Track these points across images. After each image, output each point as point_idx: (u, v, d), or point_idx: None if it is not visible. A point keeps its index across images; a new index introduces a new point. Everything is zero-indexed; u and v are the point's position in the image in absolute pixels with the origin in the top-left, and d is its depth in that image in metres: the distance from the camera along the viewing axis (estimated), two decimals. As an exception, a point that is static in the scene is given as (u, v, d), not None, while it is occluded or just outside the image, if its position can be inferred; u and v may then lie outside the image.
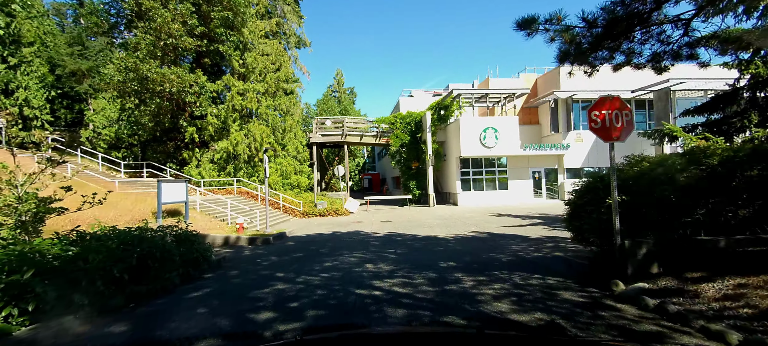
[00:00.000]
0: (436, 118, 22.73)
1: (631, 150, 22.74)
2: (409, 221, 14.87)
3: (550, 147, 21.23)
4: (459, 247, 8.49)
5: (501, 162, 21.99)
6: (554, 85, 22.22)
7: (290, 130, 22.26)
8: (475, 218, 15.22)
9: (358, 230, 12.68)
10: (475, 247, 8.42)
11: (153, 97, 17.63)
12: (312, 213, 18.39)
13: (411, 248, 8.53)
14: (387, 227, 13.16)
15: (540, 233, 10.25)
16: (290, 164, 21.59)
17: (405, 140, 23.05)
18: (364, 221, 15.73)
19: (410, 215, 17.54)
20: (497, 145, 20.80)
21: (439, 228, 12.47)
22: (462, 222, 13.91)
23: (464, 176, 21.77)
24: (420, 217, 16.41)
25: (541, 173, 22.55)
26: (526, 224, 12.62)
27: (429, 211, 18.95)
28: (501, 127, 20.83)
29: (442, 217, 16.02)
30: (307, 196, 21.07)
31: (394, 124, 23.45)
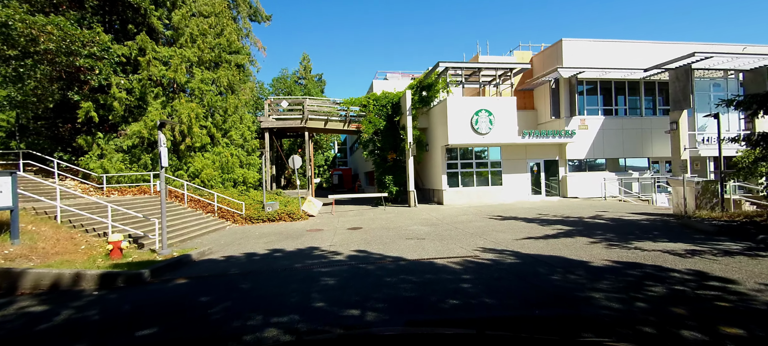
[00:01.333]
0: (417, 99, 18.77)
1: (637, 140, 19.81)
2: (386, 229, 10.79)
3: (552, 135, 17.82)
4: (490, 299, 4.40)
5: (495, 152, 18.36)
6: (556, 61, 18.84)
7: (235, 113, 17.55)
8: (473, 222, 11.36)
9: (311, 247, 8.43)
10: (523, 295, 4.41)
11: (24, 58, 12.46)
12: (258, 218, 13.91)
13: (397, 300, 4.40)
14: (355, 241, 9.00)
15: (596, 252, 6.46)
16: (234, 155, 16.91)
17: (380, 126, 18.93)
18: (326, 229, 11.50)
19: (387, 218, 13.47)
20: (492, 132, 17.12)
21: (430, 241, 8.47)
22: (458, 230, 9.98)
23: (451, 169, 17.97)
24: (400, 222, 12.38)
25: (540, 165, 19.15)
26: (551, 233, 8.86)
27: (410, 213, 14.97)
28: (496, 110, 17.16)
29: (430, 221, 12.07)
30: (256, 195, 16.52)
31: (366, 106, 19.27)
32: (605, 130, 19.02)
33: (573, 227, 9.61)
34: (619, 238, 7.82)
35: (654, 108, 19.86)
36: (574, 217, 11.82)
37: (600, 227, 9.45)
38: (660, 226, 9.33)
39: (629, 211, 12.84)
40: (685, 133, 17.50)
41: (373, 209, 17.30)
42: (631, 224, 9.90)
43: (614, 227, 9.39)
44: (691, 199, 10.22)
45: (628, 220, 10.61)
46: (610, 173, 19.06)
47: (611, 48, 19.16)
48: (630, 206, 14.64)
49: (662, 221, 9.99)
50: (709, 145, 17.95)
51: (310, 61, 43.09)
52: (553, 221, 10.98)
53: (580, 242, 7.59)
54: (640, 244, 7.02)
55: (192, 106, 15.05)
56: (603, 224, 9.96)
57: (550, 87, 19.25)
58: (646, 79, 19.37)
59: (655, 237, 7.73)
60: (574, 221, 10.82)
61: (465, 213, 14.06)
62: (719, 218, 9.55)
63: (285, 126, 18.77)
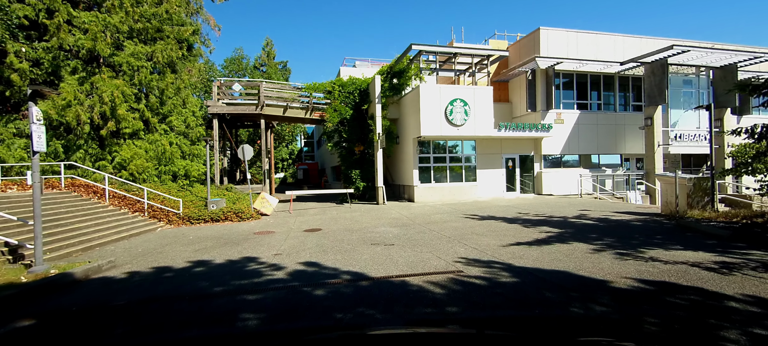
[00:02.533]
0: (387, 87, 17.15)
1: (611, 136, 19.35)
2: (349, 231, 9.11)
3: (529, 128, 16.86)
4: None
5: (469, 146, 17.15)
6: (532, 51, 17.89)
7: (176, 95, 15.09)
8: (449, 222, 9.94)
9: (249, 258, 6.59)
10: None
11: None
12: (198, 218, 11.74)
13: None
14: (309, 247, 7.24)
15: (607, 264, 5.15)
16: (174, 144, 14.50)
17: (346, 115, 17.13)
18: (277, 232, 9.64)
19: (351, 218, 11.78)
20: (467, 124, 15.86)
21: (400, 247, 6.89)
22: (433, 233, 8.49)
23: (423, 163, 16.56)
24: (366, 222, 10.73)
25: (514, 160, 18.20)
26: (540, 237, 7.57)
27: (378, 211, 13.37)
28: (472, 100, 15.91)
29: (400, 221, 10.52)
30: (200, 191, 14.26)
31: (331, 93, 17.38)
32: (580, 125, 18.38)
33: (562, 230, 8.40)
34: (622, 244, 6.64)
35: (626, 104, 19.49)
36: (558, 216, 10.72)
37: (592, 230, 8.31)
38: (657, 228, 8.32)
39: (612, 210, 11.98)
40: (659, 129, 17.14)
41: (337, 206, 15.53)
42: (624, 225, 8.85)
43: (607, 230, 8.28)
44: (683, 197, 9.37)
45: (618, 220, 9.61)
46: (584, 169, 18.47)
47: (588, 40, 18.51)
48: (609, 204, 13.89)
49: (655, 222, 9.04)
50: (681, 142, 17.76)
51: (274, 47, 40.19)
52: (536, 222, 9.78)
53: (579, 249, 6.30)
54: (652, 252, 5.82)
55: (117, 83, 12.51)
56: (593, 226, 8.86)
57: (527, 78, 18.31)
58: (621, 73, 18.92)
59: (663, 243, 6.61)
60: (559, 222, 9.67)
61: (438, 211, 12.66)
62: (715, 218, 8.71)
63: (238, 112, 16.49)
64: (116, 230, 9.67)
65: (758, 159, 7.64)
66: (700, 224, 8.24)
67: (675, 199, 9.37)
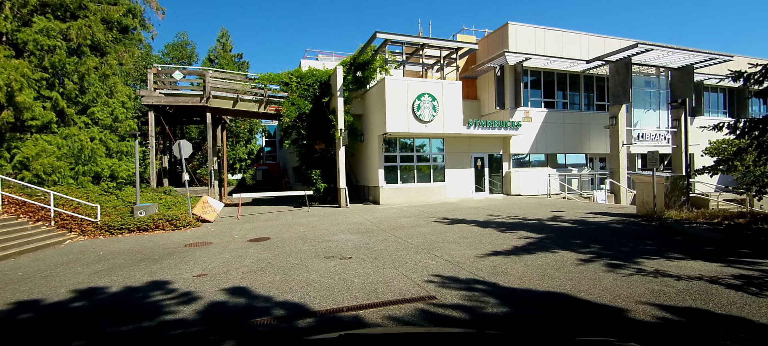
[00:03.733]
0: (351, 79, 15.85)
1: (577, 135, 19.25)
2: (302, 240, 7.71)
3: (499, 126, 16.22)
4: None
5: (438, 144, 16.24)
6: (501, 46, 17.32)
7: (101, 82, 12.86)
8: (416, 228, 8.82)
9: (158, 284, 5.04)
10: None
11: None
12: (121, 226, 9.80)
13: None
14: (245, 265, 5.78)
15: (609, 282, 4.19)
16: (97, 139, 12.30)
17: (305, 110, 15.60)
18: (215, 243, 8.04)
19: (308, 223, 10.36)
20: (435, 120, 14.91)
21: (358, 261, 5.63)
22: (399, 241, 7.31)
23: (389, 162, 15.42)
24: (324, 228, 9.36)
25: (483, 160, 17.53)
26: (520, 244, 6.61)
27: (339, 215, 12.03)
28: (441, 95, 14.98)
29: (362, 227, 9.25)
30: (129, 194, 12.19)
31: (288, 85, 15.79)
32: (547, 124, 18.07)
33: (541, 235, 7.53)
34: (613, 252, 5.80)
35: (590, 104, 19.51)
36: (532, 219, 9.94)
37: (573, 234, 7.50)
38: (641, 231, 7.67)
39: (585, 210, 11.44)
40: (623, 128, 17.15)
41: (294, 210, 14.00)
42: (604, 228, 8.16)
43: (589, 234, 7.52)
44: (661, 197, 8.87)
45: (596, 223, 8.95)
46: (551, 169, 18.18)
47: (555, 37, 18.26)
48: (579, 205, 13.46)
49: (635, 224, 8.44)
50: (644, 141, 17.92)
51: (230, 39, 37.51)
52: (511, 225, 8.90)
53: (567, 260, 5.36)
54: (654, 263, 4.99)
55: (17, 63, 10.24)
56: (573, 230, 8.09)
57: (495, 75, 17.72)
58: (586, 72, 18.87)
59: (659, 250, 5.85)
60: (535, 225, 8.86)
61: (405, 215, 11.54)
62: (694, 218, 8.24)
63: (179, 104, 14.44)
64: (1, 247, 7.62)
65: (739, 156, 7.20)
66: (682, 225, 7.69)
67: (653, 199, 8.85)
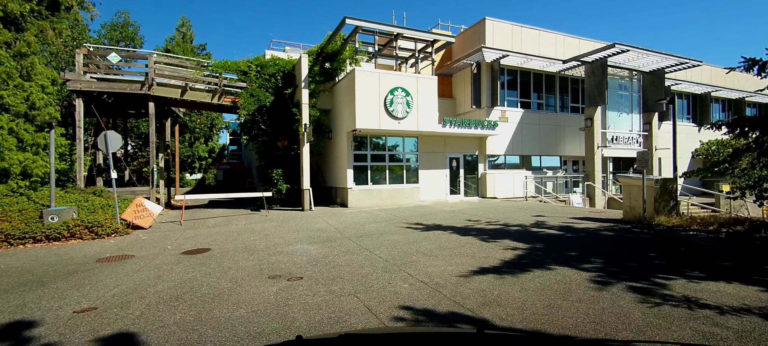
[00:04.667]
0: (318, 71, 14.45)
1: (552, 137, 18.77)
2: (248, 253, 6.29)
3: (475, 125, 15.38)
4: None
5: (411, 144, 15.17)
6: (478, 42, 16.55)
7: (13, 61, 10.72)
8: (387, 235, 7.62)
9: (11, 328, 3.51)
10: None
11: None
12: (25, 235, 7.91)
13: None
14: (157, 291, 4.32)
15: (639, 316, 3.17)
16: (6, 128, 10.18)
17: (265, 102, 14.03)
18: (138, 257, 6.45)
19: (262, 230, 8.89)
20: (409, 117, 13.82)
21: (309, 285, 4.32)
22: (365, 253, 6.07)
23: (359, 162, 14.16)
24: (278, 236, 7.94)
25: (459, 161, 16.66)
26: (508, 257, 5.58)
27: (301, 220, 10.62)
28: (415, 90, 13.92)
29: (323, 235, 7.92)
30: (44, 195, 10.18)
31: (247, 75, 14.15)
32: (523, 124, 17.51)
33: (529, 245, 6.55)
34: (620, 269, 4.87)
35: (564, 106, 19.19)
36: (514, 224, 9.03)
37: (565, 244, 6.59)
38: (638, 241, 6.88)
39: (568, 215, 10.72)
40: (598, 131, 16.86)
41: (250, 214, 12.41)
42: (597, 237, 7.33)
43: (583, 244, 6.63)
44: (650, 202, 8.19)
45: (586, 230, 8.13)
46: (527, 171, 17.62)
47: (532, 36, 17.75)
48: (558, 209, 12.81)
49: (628, 231, 7.69)
50: (617, 144, 17.74)
51: (192, 29, 34.90)
52: (493, 232, 7.92)
53: (571, 280, 4.35)
54: (678, 287, 4.06)
55: None
56: (563, 238, 7.19)
57: (472, 72, 16.93)
58: (561, 73, 18.52)
59: (672, 267, 4.98)
60: (519, 232, 7.92)
61: (375, 219, 10.33)
62: (686, 225, 7.59)
63: (114, 91, 12.43)
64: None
65: (737, 157, 6.58)
66: (679, 233, 6.98)
67: (642, 204, 8.16)
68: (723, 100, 24.38)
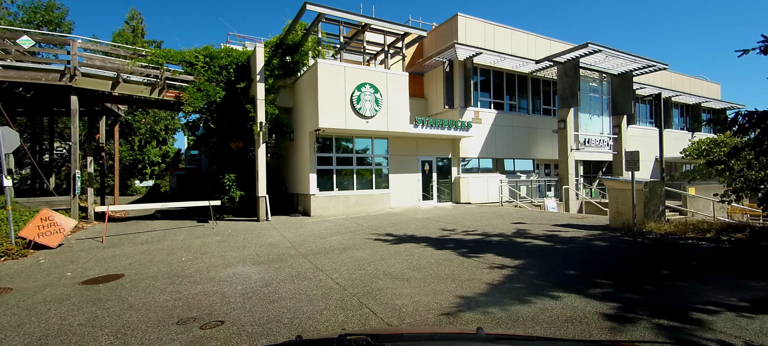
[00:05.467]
0: (277, 64, 12.99)
1: (525, 139, 17.99)
2: (170, 279, 4.80)
3: (449, 125, 14.48)
4: None
5: (381, 146, 14.03)
6: (451, 39, 15.74)
7: None
8: (349, 251, 6.37)
9: None
10: None
11: None
12: None
13: None
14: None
15: None
16: None
17: (215, 97, 12.38)
18: (17, 290, 4.80)
19: (200, 248, 7.35)
20: (378, 116, 12.68)
21: (230, 334, 3.00)
22: (318, 278, 4.78)
23: (324, 165, 12.82)
24: (216, 255, 6.46)
25: (431, 164, 15.70)
26: (496, 279, 4.50)
27: (252, 233, 9.13)
28: (385, 86, 12.81)
29: (273, 253, 6.54)
30: None
31: (194, 66, 12.46)
32: (497, 126, 16.87)
33: (518, 260, 5.54)
34: (637, 292, 3.92)
35: (536, 108, 18.79)
36: (495, 234, 8.06)
37: (558, 259, 5.64)
38: (637, 252, 6.05)
39: (549, 222, 9.93)
40: (571, 133, 16.51)
41: (196, 227, 10.73)
42: (589, 248, 6.46)
43: (575, 257, 5.71)
44: (640, 207, 7.49)
45: (574, 240, 7.28)
46: (501, 175, 16.98)
47: (504, 34, 17.21)
48: (536, 214, 12.10)
49: (619, 240, 6.89)
50: (589, 146, 17.51)
51: (144, 23, 32.09)
52: (473, 245, 6.88)
53: (588, 316, 3.31)
54: (725, 325, 3.13)
55: None
56: (552, 250, 6.26)
57: (444, 70, 16.09)
58: (533, 75, 18.11)
59: (697, 289, 4.09)
60: (503, 244, 6.93)
61: (339, 230, 9.04)
62: (682, 232, 6.91)
63: (24, 81, 10.36)
64: None
65: (736, 155, 5.94)
66: (676, 242, 6.24)
67: (632, 209, 7.43)
68: (682, 105, 25.20)
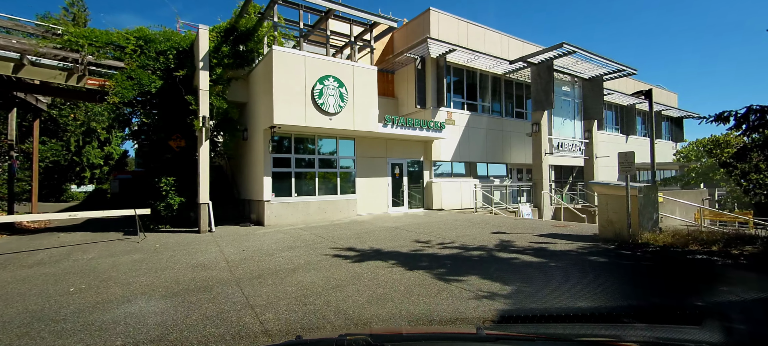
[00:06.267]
0: (227, 52, 11.33)
1: (499, 143, 17.01)
2: (25, 328, 3.21)
3: (421, 125, 13.41)
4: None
5: (347, 147, 12.70)
6: (423, 34, 14.74)
7: None
8: (298, 276, 4.98)
9: None
10: None
11: None
12: None
13: None
14: None
15: None
16: None
17: (150, 87, 10.53)
18: None
19: (107, 271, 5.65)
20: (343, 113, 11.35)
21: None
22: (245, 320, 3.35)
23: (281, 167, 11.30)
24: (122, 282, 4.83)
25: (402, 167, 14.55)
26: (484, 309, 3.29)
27: (184, 248, 7.48)
28: (351, 80, 11.52)
29: (199, 279, 5.01)
30: None
31: (124, 49, 10.56)
32: (470, 128, 16.04)
33: (509, 286, 4.40)
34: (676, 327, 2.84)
35: (508, 111, 18.24)
36: (475, 247, 6.95)
37: (559, 281, 4.55)
38: (645, 269, 5.11)
39: (532, 232, 9.00)
40: (545, 137, 15.98)
41: (118, 241, 8.85)
42: (590, 266, 5.46)
43: (575, 277, 4.66)
44: (635, 214, 6.66)
45: (566, 254, 6.29)
46: (474, 179, 16.13)
47: (478, 33, 16.49)
48: (514, 222, 11.22)
49: (619, 254, 5.97)
50: (563, 151, 17.09)
51: (87, 10, 28.85)
52: (451, 261, 5.71)
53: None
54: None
55: None
56: (545, 268, 5.19)
57: (416, 68, 15.05)
58: (506, 77, 17.53)
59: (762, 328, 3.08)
60: (486, 260, 5.81)
61: (293, 243, 7.59)
62: (682, 244, 6.10)
63: None
64: None
65: (742, 158, 5.22)
66: (684, 256, 5.38)
67: (626, 217, 6.58)
68: (645, 113, 25.83)
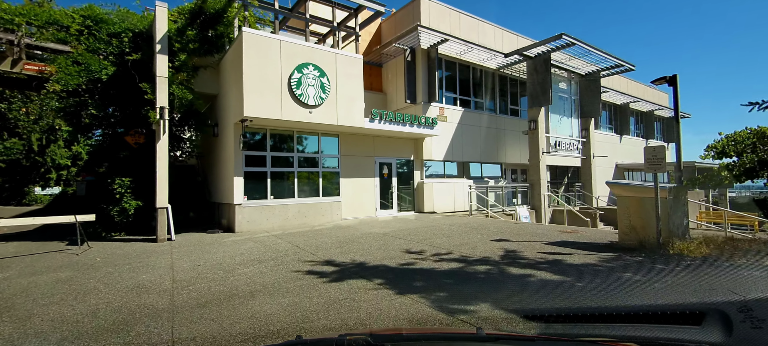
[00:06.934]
0: (193, 37, 9.99)
1: (493, 142, 15.63)
2: None
3: (411, 121, 12.29)
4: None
5: (331, 145, 11.49)
6: (412, 22, 13.65)
7: None
8: (258, 300, 3.75)
9: None
10: None
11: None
12: None
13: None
14: None
15: None
16: None
17: (100, 74, 9.13)
18: None
19: (8, 299, 4.32)
20: (325, 105, 10.14)
21: None
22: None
23: (254, 166, 10.02)
24: (11, 322, 3.57)
25: (391, 167, 13.41)
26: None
27: (129, 263, 6.16)
28: (333, 69, 10.32)
29: (127, 309, 3.72)
30: None
31: (67, 30, 9.15)
32: (464, 126, 15.02)
33: (536, 324, 3.28)
34: None
35: (502, 108, 17.32)
36: (477, 259, 5.84)
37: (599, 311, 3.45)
38: (694, 290, 4.05)
39: (537, 239, 7.96)
40: (542, 135, 15.06)
41: (55, 253, 7.44)
42: (626, 285, 4.39)
43: (611, 297, 3.57)
44: (665, 219, 5.65)
45: (589, 268, 5.23)
46: (467, 180, 15.11)
47: (471, 25, 15.50)
48: (514, 227, 10.18)
49: (656, 269, 4.94)
50: (560, 149, 16.22)
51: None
52: (450, 280, 4.58)
53: None
54: None
55: None
56: (572, 288, 4.10)
57: (406, 59, 13.95)
58: (501, 71, 16.60)
59: None
60: (493, 278, 4.70)
61: (261, 257, 6.35)
62: (729, 256, 5.10)
63: None
64: None
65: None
66: (737, 271, 4.37)
67: (656, 222, 5.57)
68: (638, 113, 25.34)
